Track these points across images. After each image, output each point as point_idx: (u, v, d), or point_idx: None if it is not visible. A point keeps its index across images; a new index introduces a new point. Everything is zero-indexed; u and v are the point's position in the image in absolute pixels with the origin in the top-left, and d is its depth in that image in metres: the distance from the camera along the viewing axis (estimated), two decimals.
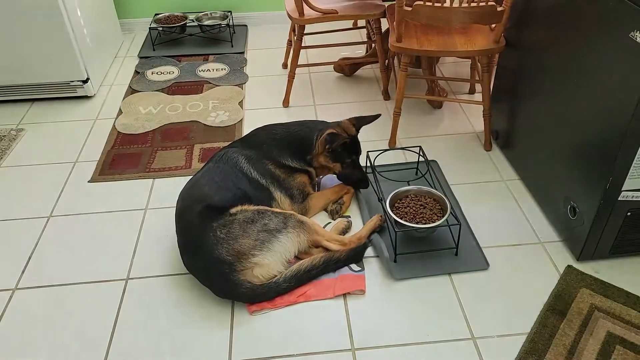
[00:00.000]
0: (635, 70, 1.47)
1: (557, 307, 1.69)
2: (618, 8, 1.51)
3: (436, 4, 2.08)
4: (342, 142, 2.02)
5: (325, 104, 2.83)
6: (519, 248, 1.93)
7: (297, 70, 2.79)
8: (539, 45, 2.00)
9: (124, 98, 2.94)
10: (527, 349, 1.57)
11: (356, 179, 2.13)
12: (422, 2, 2.09)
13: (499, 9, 2.08)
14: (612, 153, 1.59)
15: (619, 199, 1.68)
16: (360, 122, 2.12)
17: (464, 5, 2.08)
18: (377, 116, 2.14)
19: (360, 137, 2.54)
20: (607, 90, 1.60)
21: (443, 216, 1.89)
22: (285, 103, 2.83)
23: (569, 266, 1.83)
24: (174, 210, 1.91)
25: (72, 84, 2.85)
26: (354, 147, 2.10)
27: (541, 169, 2.07)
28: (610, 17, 1.55)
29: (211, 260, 1.68)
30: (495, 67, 2.43)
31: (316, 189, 2.18)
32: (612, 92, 1.58)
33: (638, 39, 1.44)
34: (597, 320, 1.65)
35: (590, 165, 1.72)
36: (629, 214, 1.73)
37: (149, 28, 3.45)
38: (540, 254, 1.90)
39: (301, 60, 3.10)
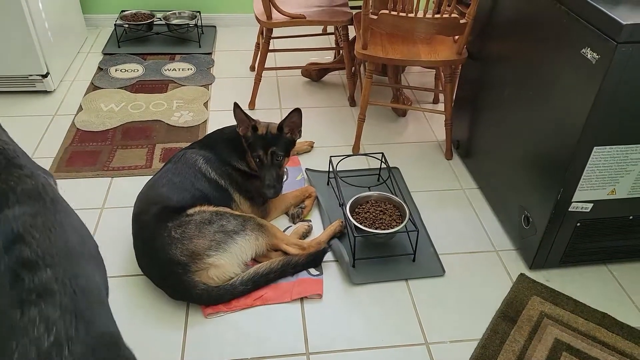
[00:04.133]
0: (585, 86, 1.52)
1: (509, 314, 1.73)
2: (571, 26, 1.57)
3: (401, 14, 2.11)
4: (246, 127, 1.97)
5: (292, 107, 2.80)
6: (475, 255, 1.97)
7: (265, 73, 2.78)
8: (499, 58, 2.06)
9: (85, 94, 2.87)
10: (478, 355, 1.60)
11: (263, 182, 1.96)
12: (387, 11, 2.12)
13: (462, 21, 2.13)
14: (564, 164, 1.65)
15: (569, 209, 1.74)
16: (284, 121, 2.01)
17: (428, 16, 2.12)
18: (294, 110, 2.00)
19: (324, 141, 2.56)
20: (560, 104, 1.66)
21: (402, 222, 1.91)
22: (251, 105, 2.81)
23: (521, 274, 1.88)
24: (131, 210, 1.87)
25: (30, 78, 2.77)
26: (261, 141, 1.96)
27: (498, 179, 2.12)
28: (564, 34, 1.61)
29: (165, 261, 1.65)
30: (458, 78, 2.48)
31: None
32: (564, 106, 1.64)
33: (588, 55, 1.50)
34: (546, 327, 1.70)
35: (543, 176, 1.78)
36: (578, 224, 1.79)
37: (115, 25, 3.38)
38: (494, 262, 1.95)
39: (269, 63, 3.10)
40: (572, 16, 1.57)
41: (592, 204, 1.73)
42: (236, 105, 1.96)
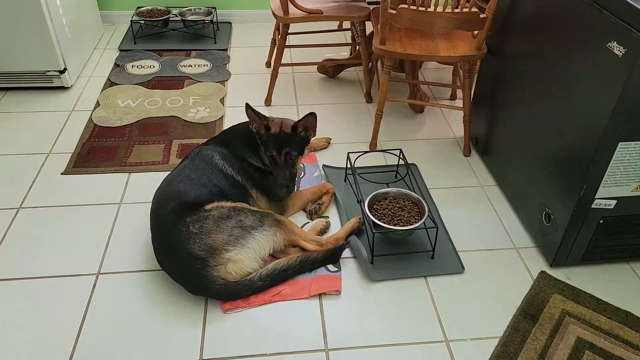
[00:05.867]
0: (611, 80, 1.49)
1: (530, 312, 1.71)
2: (597, 19, 1.54)
3: (420, 8, 2.09)
4: (258, 125, 1.97)
5: (308, 104, 2.82)
6: (494, 253, 1.95)
7: (281, 69, 2.78)
8: (520, 53, 2.03)
9: (102, 90, 2.88)
10: (499, 352, 1.58)
11: (276, 181, 1.95)
12: (406, 6, 2.10)
13: (482, 16, 2.10)
14: (587, 161, 1.62)
15: (592, 206, 1.71)
16: (299, 121, 1.99)
17: (448, 10, 2.09)
18: (310, 114, 1.97)
19: (341, 138, 2.55)
20: (584, 99, 1.63)
21: (421, 219, 1.89)
22: (267, 102, 2.81)
23: (542, 272, 1.86)
24: (149, 206, 1.88)
25: (48, 73, 2.79)
26: (274, 141, 1.95)
27: (518, 176, 2.09)
28: (589, 28, 1.58)
29: (183, 256, 1.65)
30: (477, 73, 2.45)
31: (295, 189, 2.16)
32: (588, 101, 1.61)
33: (615, 50, 1.47)
34: (568, 325, 1.67)
35: (566, 172, 1.75)
36: (601, 221, 1.75)
37: (131, 21, 3.40)
38: (514, 260, 1.92)
39: (285, 59, 3.09)
40: (596, 8, 1.53)
41: (615, 201, 1.70)
42: (247, 105, 1.96)
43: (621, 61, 1.45)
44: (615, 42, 1.46)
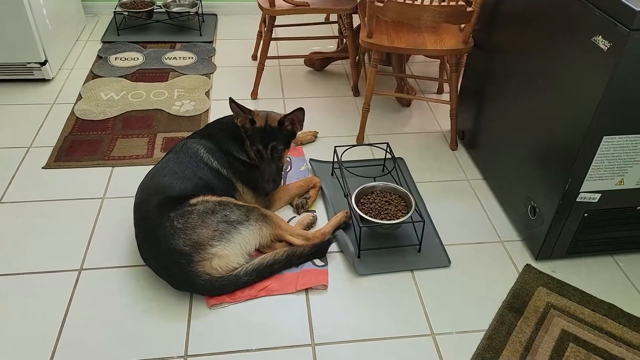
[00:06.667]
0: (596, 74, 1.50)
1: (515, 305, 1.72)
2: (582, 13, 1.54)
3: (407, 1, 2.08)
4: (243, 119, 1.94)
5: (294, 97, 2.80)
6: (480, 246, 1.95)
7: (267, 62, 2.75)
8: (506, 47, 2.03)
9: (84, 83, 2.83)
10: (485, 345, 1.59)
11: (262, 175, 1.94)
12: None
13: (469, 9, 2.10)
14: (572, 154, 1.63)
15: (577, 200, 1.72)
16: (286, 116, 1.97)
17: (434, 4, 2.08)
18: (298, 109, 1.95)
19: (328, 132, 2.54)
20: (569, 93, 1.64)
21: (407, 213, 1.89)
22: (254, 95, 2.78)
23: (527, 265, 1.87)
24: (132, 200, 1.85)
25: (28, 65, 2.72)
26: (260, 135, 1.93)
27: (504, 170, 2.10)
28: (575, 22, 1.58)
29: (167, 251, 1.63)
30: (464, 67, 2.45)
31: (282, 183, 2.15)
32: (573, 95, 1.61)
33: (600, 44, 1.47)
34: (553, 318, 1.68)
35: (551, 166, 1.76)
36: (585, 215, 1.77)
37: (114, 12, 3.34)
38: (500, 253, 1.93)
39: (271, 52, 3.06)
40: (582, 3, 1.53)
41: (600, 195, 1.72)
42: (231, 99, 1.93)
43: (606, 55, 1.45)
44: (600, 37, 1.47)
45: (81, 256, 1.84)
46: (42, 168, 2.23)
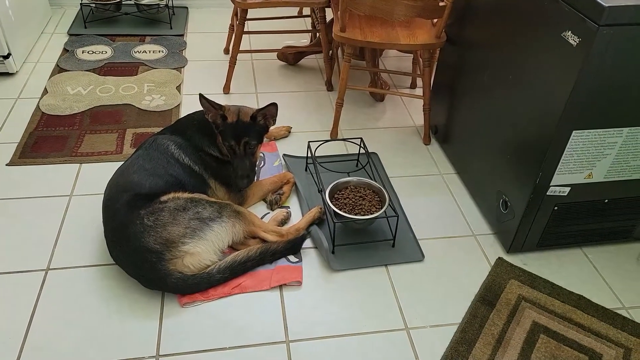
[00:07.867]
0: (565, 69, 1.52)
1: (487, 297, 1.74)
2: (552, 9, 1.56)
3: None
4: (214, 115, 1.90)
5: (268, 92, 2.77)
6: (454, 240, 1.97)
7: (240, 56, 2.70)
8: (478, 42, 2.04)
9: (50, 77, 2.74)
10: (458, 338, 1.61)
11: (236, 171, 1.91)
12: None
13: (441, 4, 2.10)
14: (543, 149, 1.65)
15: (547, 193, 1.74)
16: (258, 111, 1.92)
17: None
18: (271, 104, 1.92)
19: (301, 127, 2.52)
20: (539, 88, 1.66)
21: (381, 208, 1.89)
22: (226, 89, 2.74)
23: (499, 258, 1.89)
24: (101, 198, 1.80)
25: None
26: (232, 130, 1.89)
27: (477, 164, 2.12)
28: (545, 17, 1.60)
29: (138, 249, 1.59)
30: (436, 62, 2.46)
31: (255, 179, 2.12)
32: (544, 90, 1.63)
33: (569, 39, 1.49)
34: (524, 310, 1.71)
35: (522, 160, 1.78)
36: (555, 208, 1.80)
37: (81, 4, 3.24)
38: (473, 247, 1.95)
39: (244, 46, 3.02)
40: None
41: (569, 188, 1.75)
42: (201, 95, 1.88)
43: (575, 50, 1.47)
44: (569, 32, 1.49)
45: (48, 255, 1.78)
46: (6, 165, 2.15)
